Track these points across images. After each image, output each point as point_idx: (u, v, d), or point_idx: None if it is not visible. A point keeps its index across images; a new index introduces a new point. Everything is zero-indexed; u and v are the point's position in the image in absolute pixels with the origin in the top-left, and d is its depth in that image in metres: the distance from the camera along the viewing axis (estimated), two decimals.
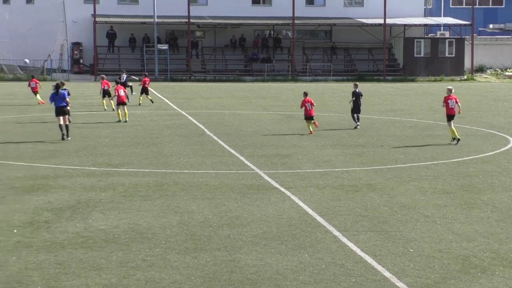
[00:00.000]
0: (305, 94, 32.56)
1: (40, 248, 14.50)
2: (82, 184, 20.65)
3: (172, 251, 14.40)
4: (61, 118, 29.48)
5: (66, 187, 20.19)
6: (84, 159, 24.95)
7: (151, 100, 43.76)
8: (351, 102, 34.22)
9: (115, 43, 70.83)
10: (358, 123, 33.73)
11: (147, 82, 44.36)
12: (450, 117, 29.22)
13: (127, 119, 35.34)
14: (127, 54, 70.67)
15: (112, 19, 69.24)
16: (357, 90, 34.17)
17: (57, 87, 29.97)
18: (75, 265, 13.52)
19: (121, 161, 24.65)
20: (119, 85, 36.24)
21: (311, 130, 31.81)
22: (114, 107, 37.90)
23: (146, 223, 16.52)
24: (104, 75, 43.35)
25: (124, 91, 35.80)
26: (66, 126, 29.61)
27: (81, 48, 69.50)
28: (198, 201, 18.78)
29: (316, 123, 32.11)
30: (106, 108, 40.16)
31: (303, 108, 31.99)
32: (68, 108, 29.98)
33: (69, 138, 29.37)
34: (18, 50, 70.71)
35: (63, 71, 68.22)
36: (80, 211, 17.55)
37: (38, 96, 44.11)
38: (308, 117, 31.98)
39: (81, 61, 69.64)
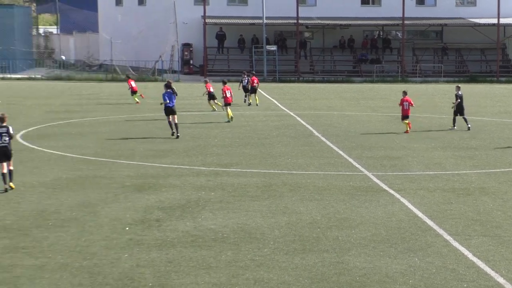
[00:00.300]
0: (404, 93, 32.67)
1: (151, 246, 14.74)
2: (192, 184, 20.89)
3: (280, 252, 14.41)
4: (171, 116, 30.60)
5: (176, 186, 20.47)
6: (194, 158, 25.25)
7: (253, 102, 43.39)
8: (454, 105, 33.58)
9: (225, 44, 71.46)
10: (469, 125, 33.11)
11: (256, 81, 44.53)
12: None
13: (230, 119, 35.58)
14: (236, 55, 71.19)
15: (221, 21, 69.89)
16: (460, 93, 33.57)
17: (168, 86, 31.17)
18: (185, 263, 13.68)
19: (230, 161, 24.83)
20: (226, 85, 36.50)
21: (407, 129, 31.72)
22: (222, 108, 38.25)
23: (254, 223, 16.58)
24: (207, 79, 43.94)
25: (231, 92, 36.07)
26: (176, 124, 30.43)
27: (191, 49, 70.40)
28: (306, 202, 18.74)
29: (410, 124, 31.96)
30: (215, 109, 40.54)
31: (401, 107, 32.21)
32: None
33: (179, 135, 30.11)
34: (130, 51, 72.17)
35: (174, 71, 69.24)
36: (190, 210, 17.76)
37: (135, 96, 45.13)
38: (404, 117, 31.93)
39: (191, 62, 70.54)
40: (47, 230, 15.74)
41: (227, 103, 35.71)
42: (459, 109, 33.40)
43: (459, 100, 33.37)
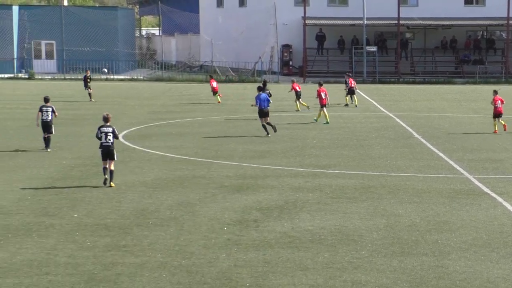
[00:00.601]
0: (495, 92, 32.39)
1: (249, 246, 14.80)
2: (290, 185, 20.90)
3: (378, 254, 14.27)
4: (263, 119, 31.13)
5: (274, 187, 20.51)
6: (292, 160, 25.26)
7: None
8: None
9: (324, 45, 71.28)
10: None
11: (352, 82, 44.32)
12: None
13: (327, 121, 35.49)
14: (335, 56, 70.91)
15: (321, 22, 69.73)
16: None
17: (261, 88, 31.93)
18: (282, 264, 13.68)
19: (328, 162, 24.74)
20: (322, 87, 36.37)
21: (496, 129, 31.38)
22: (307, 107, 38.72)
23: (352, 225, 16.47)
24: (294, 79, 44.96)
25: (326, 94, 35.95)
26: (269, 124, 30.93)
27: (290, 50, 70.47)
28: (405, 204, 18.51)
29: (506, 126, 31.57)
30: (300, 109, 40.65)
31: (493, 105, 32.13)
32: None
33: (269, 135, 30.54)
34: (230, 52, 72.73)
35: (273, 73, 69.44)
36: (287, 211, 17.77)
37: (217, 96, 45.81)
38: (496, 115, 31.63)
39: (290, 63, 70.60)
40: (147, 229, 16.00)
41: (322, 105, 35.60)
42: None
43: None
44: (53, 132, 27.08)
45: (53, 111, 27.02)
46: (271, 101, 32.60)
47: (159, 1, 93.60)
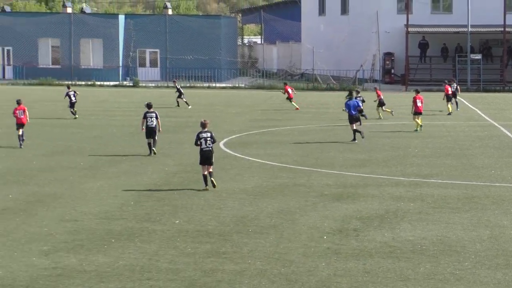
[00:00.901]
0: None
1: (348, 255, 14.69)
2: (391, 194, 20.67)
3: (482, 266, 13.95)
4: (352, 125, 31.47)
5: (375, 196, 20.32)
6: (393, 169, 24.98)
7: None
8: None
9: (427, 53, 70.33)
10: None
11: (449, 89, 43.70)
12: None
13: (419, 128, 35.10)
14: (438, 64, 69.87)
15: (424, 29, 68.86)
16: None
17: (350, 94, 32.34)
18: (383, 274, 13.52)
19: (430, 171, 24.37)
20: (418, 94, 35.84)
21: None
22: (391, 113, 38.93)
23: (455, 235, 16.16)
24: (377, 86, 46.02)
25: (422, 101, 35.47)
26: (357, 130, 31.32)
27: (392, 58, 69.80)
28: (510, 215, 18.07)
29: None
30: (381, 117, 40.34)
31: None
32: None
33: (355, 141, 31.09)
34: (331, 60, 72.54)
35: (374, 81, 68.93)
36: (388, 220, 17.57)
37: (293, 102, 46.56)
38: None
39: (392, 71, 69.94)
40: (247, 236, 16.06)
41: (417, 112, 35.17)
42: None
43: None
44: (156, 138, 27.58)
45: (156, 117, 27.49)
46: (361, 107, 32.97)
47: (262, 9, 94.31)
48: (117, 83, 70.30)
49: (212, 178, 21.12)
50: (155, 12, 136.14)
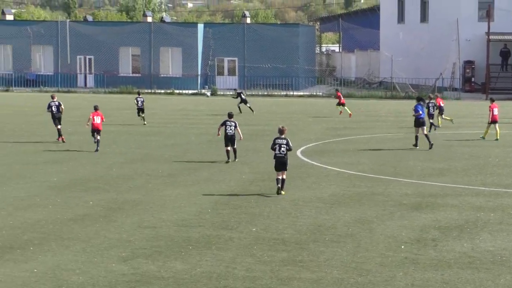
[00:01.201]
0: None
1: (426, 265, 14.50)
2: (471, 204, 20.34)
3: None
4: (418, 129, 31.77)
5: (454, 206, 20.03)
6: (473, 178, 24.59)
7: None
8: None
9: (509, 61, 69.09)
10: None
11: None
12: None
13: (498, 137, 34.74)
14: None
15: (506, 37, 67.70)
16: None
17: (420, 99, 33.02)
18: (462, 285, 13.32)
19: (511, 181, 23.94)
20: (494, 103, 35.29)
21: None
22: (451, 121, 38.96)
23: None
24: (437, 94, 47.40)
25: (498, 110, 35.06)
26: (426, 136, 31.64)
27: (473, 66, 68.84)
28: None
29: None
30: (440, 125, 39.95)
31: None
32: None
33: (417, 147, 31.45)
34: (410, 68, 71.89)
35: (454, 89, 68.08)
36: (467, 230, 17.30)
37: (346, 108, 47.78)
38: None
39: (472, 79, 68.98)
40: (324, 245, 16.00)
41: (493, 121, 34.75)
42: None
43: None
44: (235, 147, 27.79)
45: (235, 126, 27.85)
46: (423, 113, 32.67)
47: (340, 17, 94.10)
48: (195, 91, 70.97)
49: (281, 188, 21.48)
50: (234, 21, 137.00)
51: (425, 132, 31.97)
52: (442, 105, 40.93)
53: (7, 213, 18.72)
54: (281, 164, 21.52)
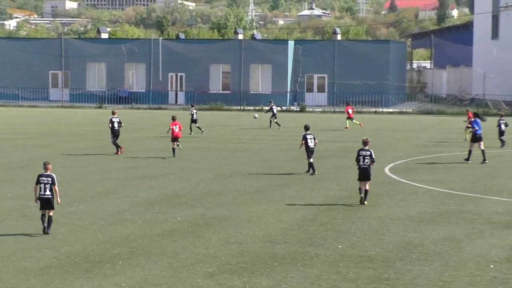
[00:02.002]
0: None
1: None
2: None
3: None
4: (473, 144, 32.55)
5: None
6: None
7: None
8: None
9: None
10: None
11: None
12: None
13: None
14: None
15: None
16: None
17: (476, 115, 33.71)
18: None
19: None
20: None
21: None
22: None
23: None
24: (468, 108, 49.17)
25: None
26: (482, 151, 31.95)
27: None
28: None
29: None
30: (467, 139, 39.40)
31: None
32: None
33: (469, 162, 31.84)
34: (505, 85, 70.60)
35: None
36: None
37: (354, 121, 50.04)
38: None
39: None
40: (411, 263, 15.82)
41: None
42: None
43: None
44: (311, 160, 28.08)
45: (314, 138, 28.79)
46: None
47: (432, 34, 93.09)
48: (284, 108, 71.21)
49: (364, 198, 22.40)
50: (324, 38, 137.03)
51: (482, 148, 32.34)
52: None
53: (97, 228, 19.12)
54: (365, 175, 22.37)
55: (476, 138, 32.35)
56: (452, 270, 15.28)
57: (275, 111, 51.23)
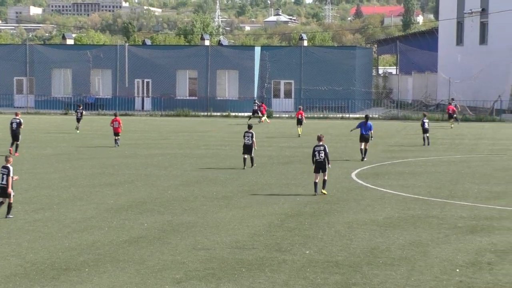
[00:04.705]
0: None
1: None
2: None
3: None
4: (362, 143, 35.39)
5: (510, 229, 19.76)
6: None
7: None
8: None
9: None
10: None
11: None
12: None
13: None
14: None
15: None
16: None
17: (366, 118, 35.87)
18: None
19: None
20: None
21: None
22: None
23: None
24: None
25: None
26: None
27: None
28: None
29: None
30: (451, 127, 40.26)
31: None
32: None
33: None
34: (468, 90, 71.29)
35: None
36: None
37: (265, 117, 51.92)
38: None
39: None
40: (377, 268, 15.90)
41: None
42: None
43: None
44: (252, 156, 27.87)
45: (252, 137, 31.87)
46: (372, 130, 35.63)
47: (398, 40, 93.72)
48: (251, 113, 71.21)
49: (323, 189, 25.04)
50: (291, 44, 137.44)
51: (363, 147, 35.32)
52: (450, 111, 46.07)
53: (63, 235, 19.00)
54: (320, 168, 24.94)
55: (363, 139, 35.44)
56: (418, 275, 15.38)
57: (255, 108, 52.72)
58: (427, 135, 42.89)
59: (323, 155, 24.89)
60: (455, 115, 57.33)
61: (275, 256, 16.94)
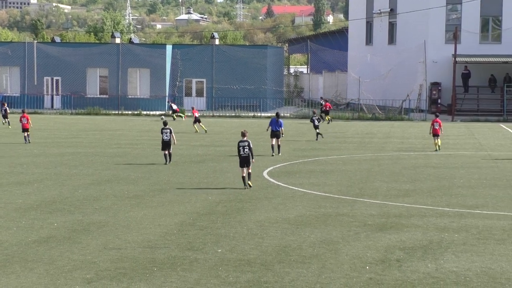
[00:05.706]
0: None
1: (391, 286, 14.56)
2: (435, 224, 20.48)
3: None
4: (273, 139, 37.01)
5: (418, 227, 20.15)
6: (438, 199, 24.77)
7: None
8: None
9: (475, 83, 69.85)
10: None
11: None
12: None
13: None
14: (486, 94, 69.36)
15: (472, 59, 68.47)
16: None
17: (277, 116, 38.09)
18: None
19: (476, 202, 24.12)
20: (437, 118, 36.24)
21: None
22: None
23: (500, 267, 15.94)
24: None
25: (439, 124, 36.50)
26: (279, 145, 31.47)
27: (439, 88, 69.47)
28: None
29: None
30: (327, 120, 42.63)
31: None
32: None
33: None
34: (377, 90, 72.43)
35: (421, 111, 68.67)
36: (431, 251, 17.40)
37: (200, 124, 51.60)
38: None
39: (439, 101, 69.60)
40: (289, 266, 16.01)
41: (435, 134, 37.67)
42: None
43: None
44: (171, 151, 27.86)
45: (171, 132, 33.30)
46: (282, 127, 37.63)
47: (309, 39, 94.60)
48: (163, 112, 70.89)
49: (249, 181, 26.15)
50: (203, 42, 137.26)
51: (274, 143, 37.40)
52: (327, 108, 53.56)
53: None
54: (245, 162, 25.93)
55: (273, 134, 37.39)
56: (329, 272, 15.54)
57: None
58: (318, 131, 46.22)
59: (247, 150, 25.97)
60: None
61: (187, 255, 16.89)
